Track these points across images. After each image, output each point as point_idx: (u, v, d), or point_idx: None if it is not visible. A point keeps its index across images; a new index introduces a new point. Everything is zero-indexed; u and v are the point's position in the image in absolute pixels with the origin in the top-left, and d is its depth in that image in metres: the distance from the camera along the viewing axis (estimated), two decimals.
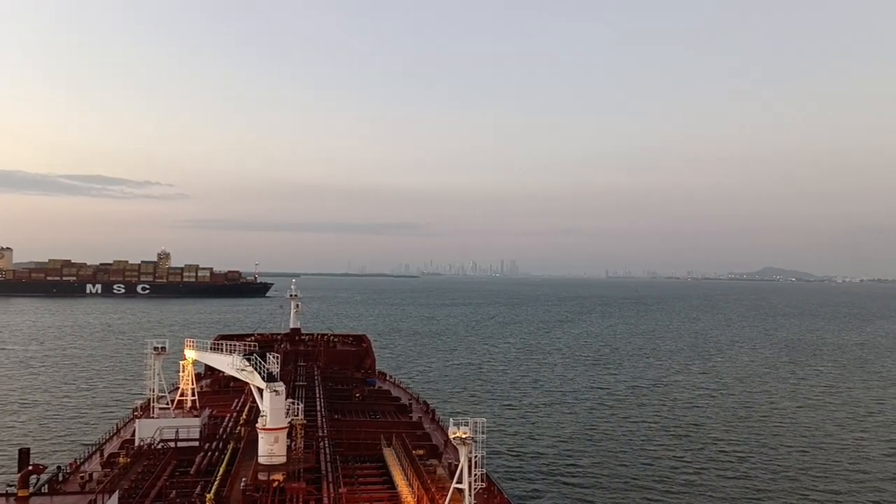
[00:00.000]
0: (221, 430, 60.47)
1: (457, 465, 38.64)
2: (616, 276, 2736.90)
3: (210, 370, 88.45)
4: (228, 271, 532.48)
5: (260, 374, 47.33)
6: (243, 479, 43.76)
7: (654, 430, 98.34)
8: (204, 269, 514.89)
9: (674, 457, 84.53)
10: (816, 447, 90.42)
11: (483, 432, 38.28)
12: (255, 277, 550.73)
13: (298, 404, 51.55)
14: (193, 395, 65.54)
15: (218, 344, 60.30)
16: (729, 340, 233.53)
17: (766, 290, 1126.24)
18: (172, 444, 54.57)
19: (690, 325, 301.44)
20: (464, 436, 37.07)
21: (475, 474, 37.61)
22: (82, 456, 56.84)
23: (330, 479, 46.00)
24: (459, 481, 37.51)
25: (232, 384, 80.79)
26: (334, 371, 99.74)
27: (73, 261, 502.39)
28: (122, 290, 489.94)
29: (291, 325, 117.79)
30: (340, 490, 43.95)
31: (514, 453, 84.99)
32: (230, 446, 53.86)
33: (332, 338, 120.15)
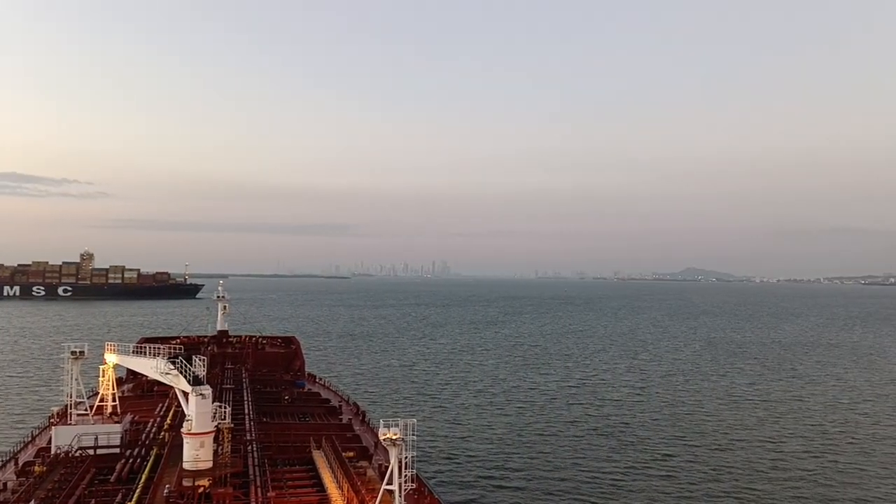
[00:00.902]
0: (144, 435, 58.54)
1: (387, 467, 38.60)
2: (546, 276, 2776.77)
3: (132, 374, 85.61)
4: (157, 272, 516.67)
5: (185, 377, 46.07)
6: (167, 486, 42.50)
7: (583, 430, 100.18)
8: (131, 270, 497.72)
9: (602, 456, 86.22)
10: (738, 444, 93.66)
11: (413, 433, 38.42)
12: (185, 279, 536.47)
13: (225, 408, 50.36)
14: (114, 400, 63.18)
15: (141, 347, 58.44)
16: (654, 339, 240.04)
17: (688, 289, 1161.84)
18: (91, 452, 52.56)
19: (617, 325, 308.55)
20: (394, 437, 37.09)
21: (405, 475, 37.67)
22: None
23: (258, 484, 45.17)
24: (390, 482, 37.47)
25: (156, 389, 78.29)
26: (263, 373, 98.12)
27: None
28: (42, 293, 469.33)
29: (219, 328, 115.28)
30: (269, 494, 43.21)
31: (445, 454, 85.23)
32: (153, 452, 52.22)
33: (260, 340, 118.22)
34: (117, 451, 53.82)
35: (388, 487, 37.63)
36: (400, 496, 36.99)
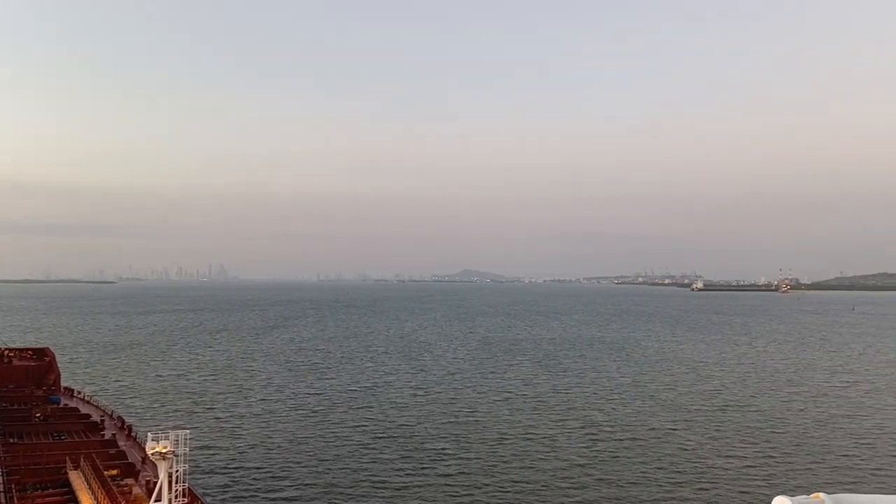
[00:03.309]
0: None
1: (156, 483, 35.93)
2: (327, 279, 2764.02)
3: None
4: None
5: None
6: None
7: (365, 435, 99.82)
8: None
9: (384, 459, 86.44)
10: (512, 437, 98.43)
11: (186, 446, 35.98)
12: None
13: None
14: None
15: None
16: (435, 340, 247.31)
17: (465, 290, 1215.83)
18: None
19: (399, 327, 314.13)
20: (163, 450, 34.55)
21: (176, 490, 35.24)
22: None
23: None
24: (159, 499, 34.82)
25: None
26: (10, 389, 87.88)
27: None
28: None
29: None
30: None
31: (221, 466, 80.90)
32: None
33: (6, 352, 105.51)
34: None
35: None
36: None
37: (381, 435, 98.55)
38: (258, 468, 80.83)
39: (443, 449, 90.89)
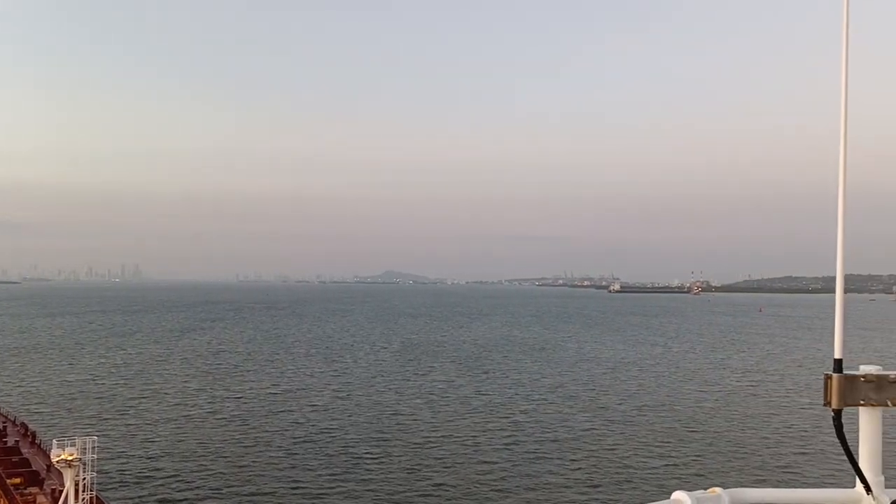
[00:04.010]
0: None
1: (62, 492, 34.24)
2: (247, 279, 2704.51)
3: None
4: None
5: None
6: None
7: (286, 440, 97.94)
8: None
9: (302, 464, 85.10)
10: (435, 440, 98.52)
11: (93, 452, 34.45)
12: None
13: None
14: None
15: None
16: (357, 342, 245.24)
17: (388, 291, 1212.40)
18: None
19: (322, 329, 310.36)
20: (69, 458, 33.05)
21: (83, 499, 33.70)
22: None
23: None
24: None
25: None
26: None
27: None
28: None
29: None
30: None
31: (131, 474, 77.88)
32: None
33: None
34: None
35: None
36: None
37: (301, 439, 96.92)
38: (172, 476, 78.15)
39: (365, 453, 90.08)
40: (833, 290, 6.22)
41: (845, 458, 5.94)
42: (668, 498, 5.58)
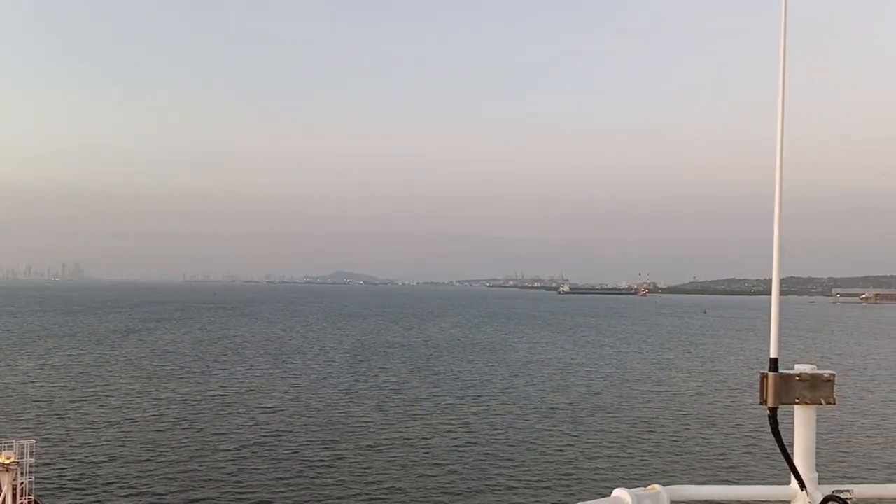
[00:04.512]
0: None
1: None
2: (194, 279, 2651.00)
3: None
4: None
5: None
6: None
7: (233, 444, 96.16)
8: None
9: (252, 468, 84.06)
10: (387, 442, 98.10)
11: (31, 456, 33.55)
12: None
13: None
14: None
15: None
16: (306, 343, 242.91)
17: (338, 292, 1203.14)
18: None
19: (271, 329, 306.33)
20: (7, 461, 32.25)
21: (21, 503, 32.81)
22: None
23: None
24: None
25: None
26: None
27: None
28: None
29: None
30: None
31: (72, 478, 75.81)
32: None
33: None
34: None
35: None
36: None
37: (250, 443, 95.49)
38: (114, 482, 76.21)
39: (315, 456, 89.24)
40: None
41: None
42: (610, 496, 5.66)
